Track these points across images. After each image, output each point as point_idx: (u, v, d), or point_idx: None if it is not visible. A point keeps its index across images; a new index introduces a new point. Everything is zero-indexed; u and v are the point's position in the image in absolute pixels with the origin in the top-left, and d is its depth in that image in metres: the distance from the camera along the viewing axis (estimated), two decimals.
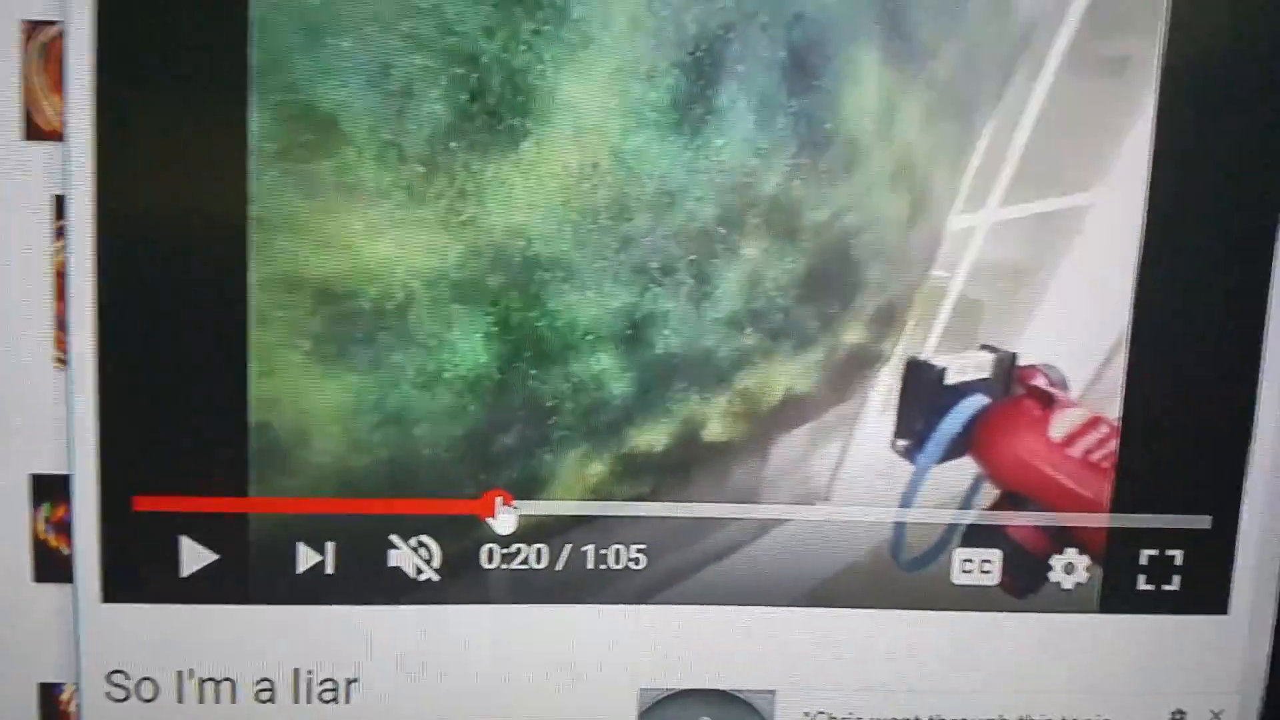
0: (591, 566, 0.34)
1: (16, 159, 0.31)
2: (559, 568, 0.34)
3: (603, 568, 0.34)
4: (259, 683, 0.34)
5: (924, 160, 0.32)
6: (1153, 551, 0.35)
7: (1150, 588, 0.35)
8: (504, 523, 0.34)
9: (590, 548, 0.34)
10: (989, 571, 0.35)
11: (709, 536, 0.34)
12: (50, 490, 0.32)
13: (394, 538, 0.33)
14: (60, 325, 0.31)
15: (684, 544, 0.34)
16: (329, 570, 0.33)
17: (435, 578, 0.34)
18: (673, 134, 0.31)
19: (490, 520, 0.34)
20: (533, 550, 0.34)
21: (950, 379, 0.34)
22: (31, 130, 0.31)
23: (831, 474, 0.34)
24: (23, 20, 0.30)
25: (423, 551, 0.33)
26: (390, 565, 0.33)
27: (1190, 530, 0.35)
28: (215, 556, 0.33)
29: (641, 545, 0.34)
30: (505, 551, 0.34)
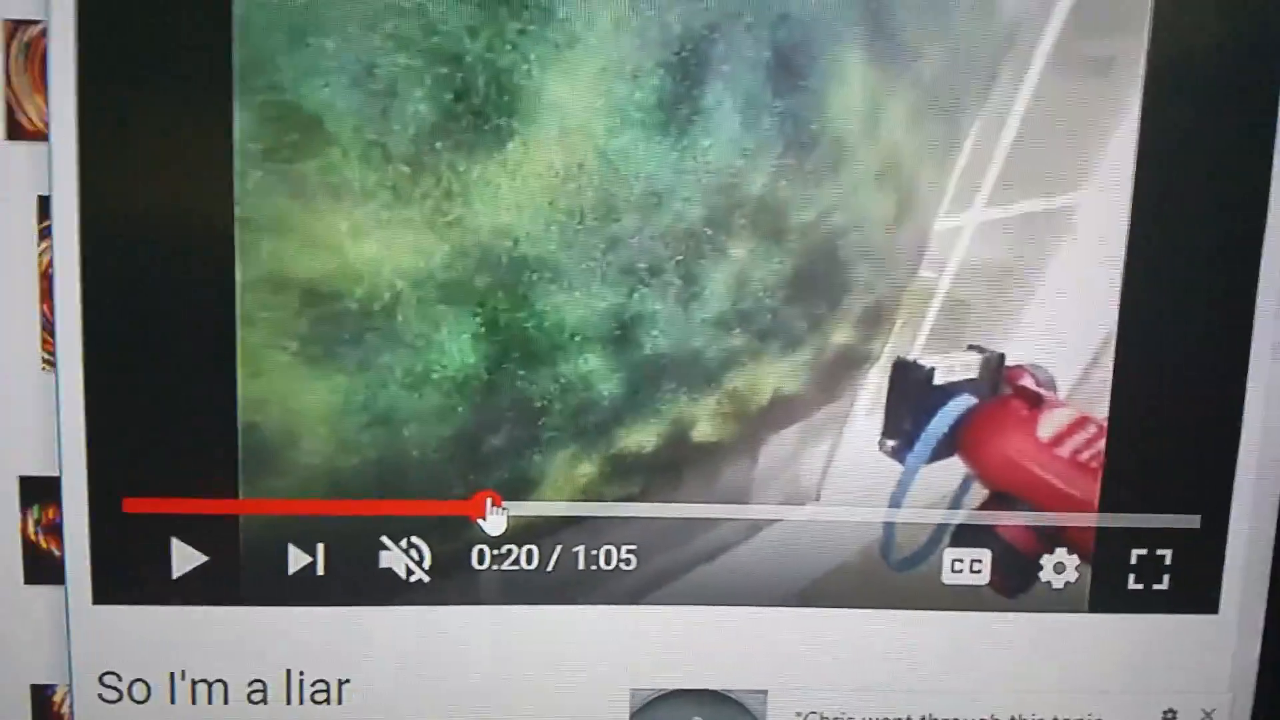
0: (582, 567, 0.34)
1: (0, 159, 0.31)
2: (550, 568, 0.34)
3: (593, 568, 0.34)
4: (251, 684, 0.34)
5: (910, 161, 0.32)
6: (1142, 551, 0.35)
7: (1140, 587, 0.35)
8: (494, 524, 0.34)
9: (581, 548, 0.34)
10: (979, 571, 0.35)
11: (699, 537, 0.34)
12: (40, 492, 0.32)
13: (384, 539, 0.33)
14: (47, 327, 0.31)
15: (674, 544, 0.34)
16: (320, 572, 0.33)
17: (426, 579, 0.34)
18: (659, 134, 0.31)
19: (480, 521, 0.34)
20: (523, 551, 0.34)
21: (938, 379, 0.34)
22: (14, 130, 0.31)
23: (821, 474, 0.34)
24: (4, 20, 0.30)
25: (413, 553, 0.34)
26: (381, 566, 0.34)
27: (1179, 530, 0.35)
28: (206, 558, 0.33)
29: (632, 546, 0.34)
30: (496, 552, 0.34)
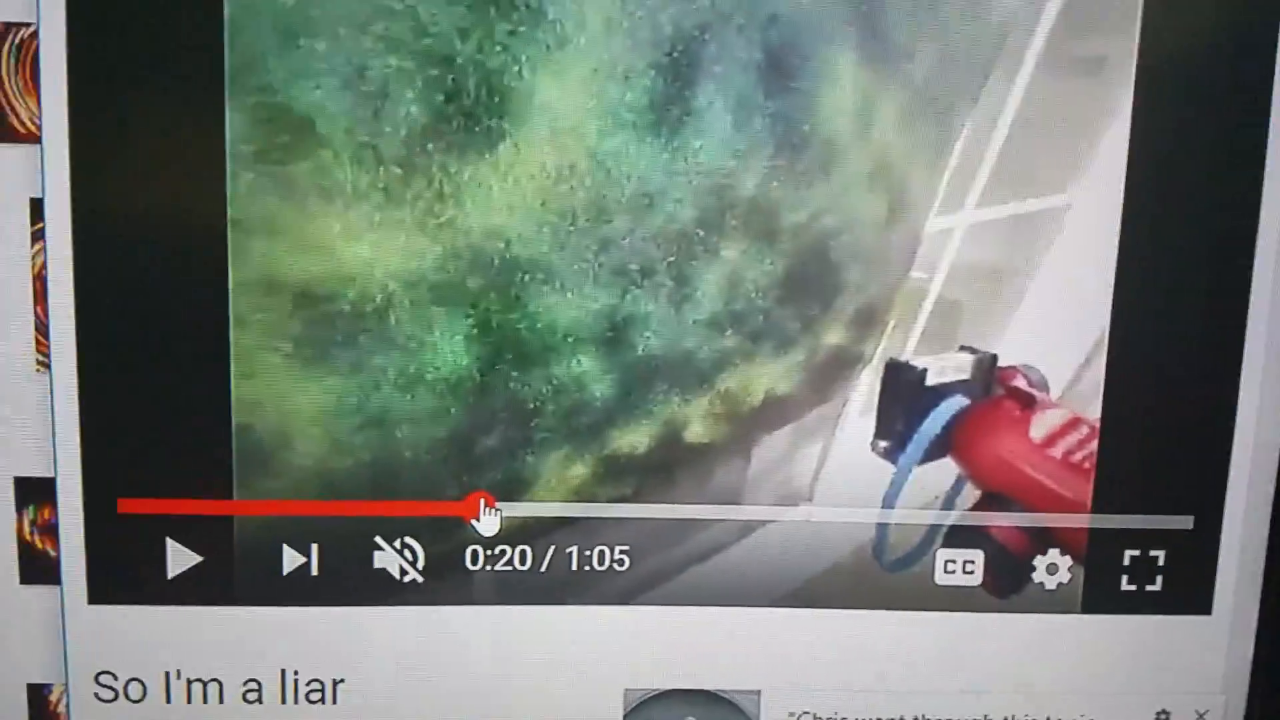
0: (575, 568, 0.34)
1: None
2: (543, 569, 0.34)
3: (587, 569, 0.34)
4: (246, 683, 0.34)
5: (901, 161, 0.32)
6: (1135, 552, 0.35)
7: (1133, 588, 0.35)
8: (488, 524, 0.34)
9: (574, 549, 0.34)
10: (972, 572, 0.35)
11: (692, 538, 0.34)
12: (35, 493, 0.32)
13: (378, 540, 0.33)
14: (41, 329, 0.32)
15: (668, 545, 0.34)
16: (314, 572, 0.33)
17: (420, 579, 0.34)
18: (650, 135, 0.31)
19: (474, 522, 0.34)
20: (516, 552, 0.34)
21: (930, 380, 0.34)
22: (7, 132, 0.31)
23: (814, 475, 0.34)
24: None
25: (407, 553, 0.34)
26: (375, 567, 0.34)
27: (1172, 530, 0.35)
28: (200, 558, 0.33)
29: (625, 546, 0.34)
30: (489, 553, 0.34)
